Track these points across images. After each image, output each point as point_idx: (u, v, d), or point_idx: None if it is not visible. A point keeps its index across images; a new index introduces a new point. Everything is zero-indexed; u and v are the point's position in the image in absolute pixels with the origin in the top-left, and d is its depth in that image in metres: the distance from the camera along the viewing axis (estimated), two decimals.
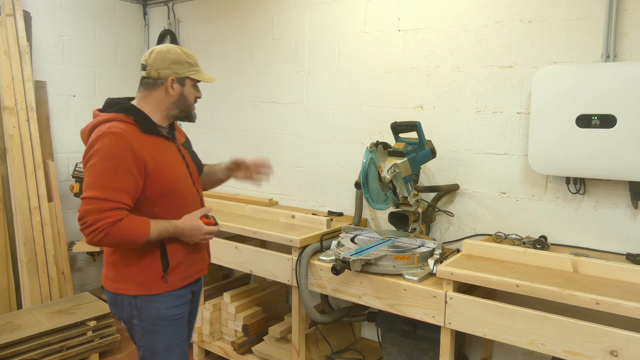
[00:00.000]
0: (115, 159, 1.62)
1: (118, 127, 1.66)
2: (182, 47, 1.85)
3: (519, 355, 2.55)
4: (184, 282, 1.85)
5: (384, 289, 2.14)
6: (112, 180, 1.62)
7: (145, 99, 1.81)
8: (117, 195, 1.62)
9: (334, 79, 3.07)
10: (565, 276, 1.92)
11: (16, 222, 3.29)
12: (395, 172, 2.31)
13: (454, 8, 2.57)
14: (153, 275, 1.76)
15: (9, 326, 2.84)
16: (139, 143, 1.68)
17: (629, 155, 2.01)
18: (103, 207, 1.59)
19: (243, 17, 3.50)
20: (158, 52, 1.79)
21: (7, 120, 3.27)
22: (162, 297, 1.79)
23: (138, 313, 1.77)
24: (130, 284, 1.76)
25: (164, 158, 1.76)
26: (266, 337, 2.95)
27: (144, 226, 1.67)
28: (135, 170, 1.65)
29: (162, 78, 1.78)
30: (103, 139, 1.63)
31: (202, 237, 1.82)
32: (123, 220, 1.62)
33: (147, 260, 1.76)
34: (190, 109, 1.88)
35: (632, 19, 2.12)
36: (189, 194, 1.86)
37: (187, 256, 1.85)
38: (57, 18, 3.64)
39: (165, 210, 1.77)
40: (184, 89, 1.82)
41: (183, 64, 1.80)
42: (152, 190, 1.71)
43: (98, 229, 1.58)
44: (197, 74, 1.85)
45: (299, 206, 3.31)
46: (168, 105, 1.81)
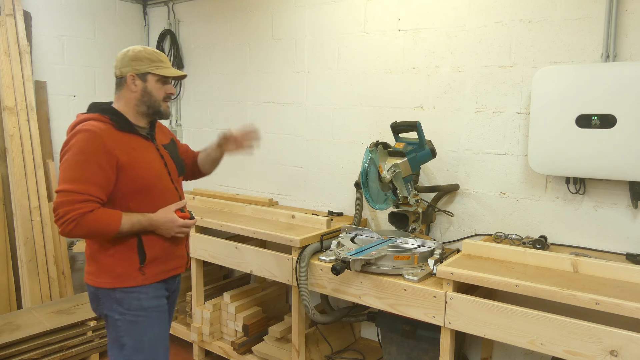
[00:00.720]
0: (86, 153, 1.70)
1: (92, 125, 1.74)
2: (150, 47, 1.92)
3: (519, 355, 2.55)
4: (161, 276, 1.90)
5: (384, 289, 2.14)
6: (83, 174, 1.69)
7: (118, 99, 1.89)
8: (88, 188, 1.68)
9: (334, 79, 3.07)
10: (565, 276, 1.92)
11: (16, 222, 3.29)
12: (395, 172, 2.31)
13: (454, 8, 2.58)
14: (130, 267, 1.81)
15: (9, 326, 2.84)
16: (113, 140, 1.75)
17: (629, 155, 2.01)
18: (74, 199, 1.66)
19: (243, 17, 3.51)
20: (121, 53, 1.88)
21: (7, 120, 3.27)
22: (140, 289, 1.83)
23: (119, 305, 1.81)
24: (109, 277, 1.81)
25: (139, 155, 1.82)
26: (266, 337, 2.95)
27: (114, 218, 1.73)
28: (106, 164, 1.71)
29: (123, 76, 1.85)
30: (77, 135, 1.72)
31: (177, 230, 1.86)
32: (94, 211, 1.69)
33: (124, 251, 1.81)
34: (156, 105, 1.89)
35: (632, 19, 2.12)
36: (166, 190, 1.91)
37: (164, 250, 1.89)
38: (57, 18, 3.63)
39: (140, 204, 1.82)
40: (146, 85, 1.86)
41: (142, 60, 1.85)
42: (125, 184, 1.77)
43: (68, 220, 1.65)
44: (159, 69, 1.87)
45: (299, 206, 3.31)
46: (135, 102, 1.86)
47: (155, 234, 1.85)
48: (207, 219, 2.92)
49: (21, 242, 3.26)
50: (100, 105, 1.87)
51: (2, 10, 3.30)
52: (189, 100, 3.98)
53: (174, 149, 2.07)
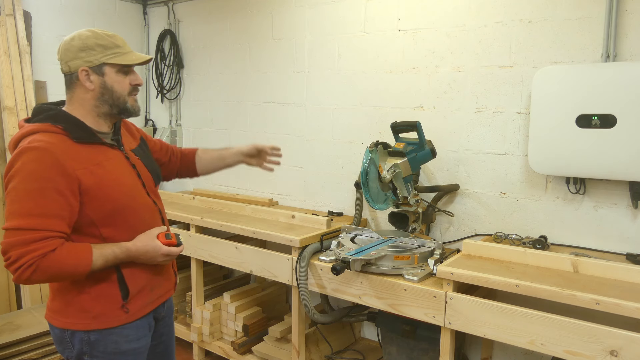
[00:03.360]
0: (40, 179, 1.36)
1: (41, 141, 1.39)
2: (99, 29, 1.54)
3: (519, 355, 2.55)
4: (148, 309, 1.61)
5: (384, 289, 2.14)
6: (38, 205, 1.35)
7: (70, 101, 1.52)
8: (45, 223, 1.36)
9: (334, 79, 3.07)
10: (565, 276, 1.92)
11: None
12: (395, 172, 2.31)
13: (454, 8, 2.58)
14: (111, 305, 1.51)
15: (9, 326, 2.84)
16: (71, 157, 1.41)
17: (629, 155, 2.01)
18: (28, 239, 1.33)
19: (243, 17, 3.51)
20: (64, 43, 1.50)
21: (7, 120, 3.27)
22: (121, 330, 1.53)
23: (91, 349, 1.50)
24: (83, 317, 1.49)
25: (105, 171, 1.49)
26: (266, 337, 2.95)
27: (84, 254, 1.41)
28: (66, 189, 1.39)
29: (73, 71, 1.49)
30: (23, 156, 1.37)
31: (160, 260, 1.55)
32: (55, 251, 1.36)
33: (102, 287, 1.50)
34: (121, 101, 1.54)
35: (632, 19, 2.12)
36: (143, 208, 1.60)
37: (149, 280, 1.59)
38: (57, 18, 3.64)
39: (116, 231, 1.51)
40: (105, 79, 1.50)
41: (94, 49, 1.48)
42: (92, 210, 1.45)
43: (24, 265, 1.33)
44: (117, 57, 1.51)
45: (299, 206, 3.31)
46: (94, 102, 1.51)
47: (137, 264, 1.54)
48: (207, 219, 2.92)
49: None
50: (48, 111, 1.48)
51: (2, 10, 3.30)
52: (188, 101, 3.98)
53: (146, 152, 1.75)
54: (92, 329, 1.50)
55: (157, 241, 1.54)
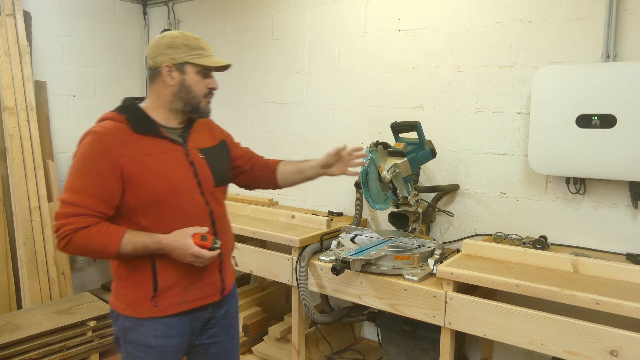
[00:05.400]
0: (88, 160, 1.47)
1: (102, 127, 1.51)
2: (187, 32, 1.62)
3: (519, 355, 2.55)
4: (180, 308, 1.58)
5: (384, 289, 2.14)
6: (82, 184, 1.46)
7: (149, 95, 1.61)
8: (85, 200, 1.45)
9: (334, 79, 3.06)
10: (565, 276, 1.92)
11: (16, 222, 3.28)
12: (395, 172, 2.31)
13: (454, 8, 2.57)
14: (143, 295, 1.55)
15: (9, 326, 2.84)
16: (121, 144, 1.49)
17: (629, 155, 2.01)
18: (69, 212, 1.44)
19: (243, 17, 3.50)
20: (154, 40, 1.60)
21: (7, 120, 3.27)
22: (151, 323, 1.56)
23: (124, 334, 1.58)
24: (122, 301, 1.58)
25: (154, 162, 1.52)
26: (266, 337, 2.95)
27: (114, 237, 1.46)
28: (109, 173, 1.46)
29: (157, 66, 1.56)
30: (85, 138, 1.50)
31: (189, 259, 1.52)
32: (89, 228, 1.44)
33: (138, 276, 1.55)
34: (196, 101, 1.60)
35: (632, 19, 2.12)
36: (190, 206, 1.58)
37: (182, 277, 1.57)
38: (57, 18, 3.63)
39: (154, 222, 1.53)
40: (185, 77, 1.57)
41: (179, 48, 1.55)
42: (133, 197, 1.50)
43: (61, 235, 1.44)
44: (199, 58, 1.58)
45: (299, 206, 3.31)
46: (169, 98, 1.58)
47: (171, 259, 1.54)
48: None
49: (21, 242, 3.26)
50: (124, 102, 1.61)
51: (2, 10, 3.29)
52: None
53: (220, 154, 1.75)
54: (127, 315, 1.57)
55: (189, 239, 1.51)
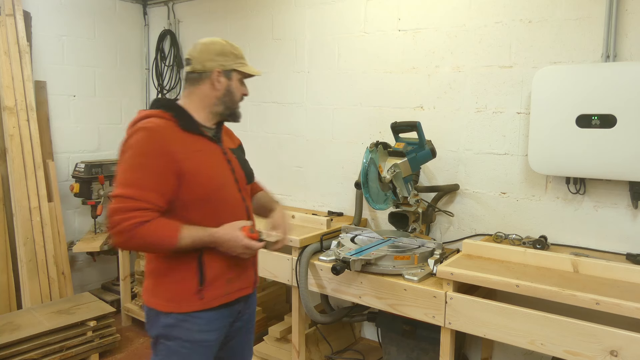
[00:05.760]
0: (146, 156, 1.51)
1: (153, 123, 1.55)
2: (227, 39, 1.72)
3: (519, 355, 2.55)
4: (223, 300, 1.65)
5: (384, 289, 2.14)
6: (141, 178, 1.50)
7: (190, 95, 1.68)
8: (146, 195, 1.49)
9: (334, 79, 3.06)
10: (565, 276, 1.92)
11: (16, 222, 3.29)
12: (395, 172, 2.31)
13: (454, 8, 2.57)
14: (187, 289, 1.60)
15: (9, 326, 2.84)
16: (175, 141, 1.55)
17: (629, 155, 2.01)
18: (129, 207, 1.47)
19: (243, 17, 3.50)
20: (203, 44, 1.67)
21: (7, 120, 3.27)
22: (195, 318, 1.61)
23: (167, 333, 1.61)
24: (163, 299, 1.61)
25: (203, 159, 1.61)
26: (266, 337, 2.95)
27: (173, 230, 1.51)
28: (167, 168, 1.52)
29: (207, 71, 1.65)
30: (136, 134, 1.53)
31: (240, 251, 1.61)
32: (150, 222, 1.48)
33: (182, 271, 1.60)
34: (235, 105, 1.73)
35: (632, 19, 2.12)
36: (232, 202, 1.68)
37: (227, 269, 1.65)
38: (57, 18, 3.63)
39: (202, 216, 1.60)
40: (230, 83, 1.68)
41: (228, 56, 1.67)
42: (186, 193, 1.56)
43: (122, 230, 1.46)
44: (244, 66, 1.71)
45: (299, 206, 3.31)
46: (213, 101, 1.67)
47: (218, 252, 1.62)
48: None
49: (21, 242, 3.26)
50: (163, 101, 1.68)
51: (2, 10, 3.30)
52: None
53: (242, 154, 1.86)
54: (170, 312, 1.59)
55: (239, 232, 1.60)
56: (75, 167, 3.55)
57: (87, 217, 3.78)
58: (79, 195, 3.52)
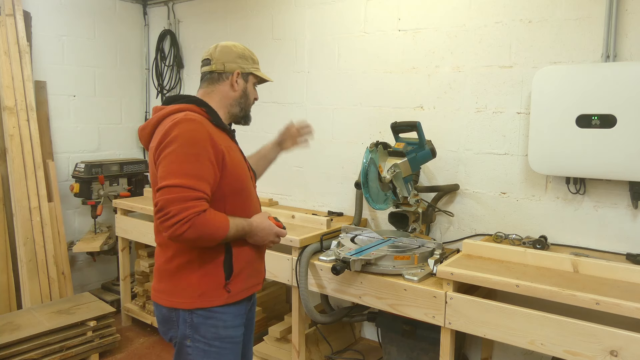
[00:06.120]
0: (197, 146, 1.51)
1: (195, 115, 1.57)
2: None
3: (519, 355, 2.55)
4: (245, 294, 1.69)
5: (384, 289, 2.14)
6: (195, 168, 1.49)
7: (209, 94, 1.72)
8: (200, 184, 1.49)
9: (334, 79, 3.07)
10: (565, 276, 1.92)
11: (16, 222, 3.29)
12: (395, 172, 2.31)
13: (454, 8, 2.58)
14: (215, 284, 1.60)
15: (9, 326, 2.84)
16: (215, 134, 1.58)
17: (629, 155, 2.01)
18: (187, 196, 1.45)
19: (243, 17, 3.50)
20: (224, 47, 1.74)
21: (7, 120, 3.27)
22: (221, 314, 1.61)
23: (193, 332, 1.60)
24: (189, 296, 1.58)
25: (234, 154, 1.66)
26: (266, 337, 2.95)
27: (224, 220, 1.54)
28: (214, 159, 1.54)
29: (227, 72, 1.72)
30: (181, 125, 1.52)
31: (272, 239, 1.71)
32: (206, 212, 1.48)
33: (210, 266, 1.59)
34: (248, 108, 1.81)
35: (632, 19, 2.12)
36: (254, 196, 1.78)
37: (250, 264, 1.70)
38: (57, 18, 3.64)
39: (236, 208, 1.64)
40: (247, 86, 1.77)
41: (247, 60, 1.76)
42: (227, 184, 1.59)
43: (183, 220, 1.43)
44: (258, 71, 1.80)
45: (299, 206, 3.31)
46: (231, 102, 1.74)
47: (246, 244, 1.66)
48: None
49: (21, 242, 3.26)
50: (189, 97, 1.69)
51: (2, 10, 3.30)
52: None
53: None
54: (196, 308, 1.58)
55: (269, 221, 1.70)
56: (75, 167, 3.55)
57: (87, 217, 3.78)
58: (79, 195, 3.52)
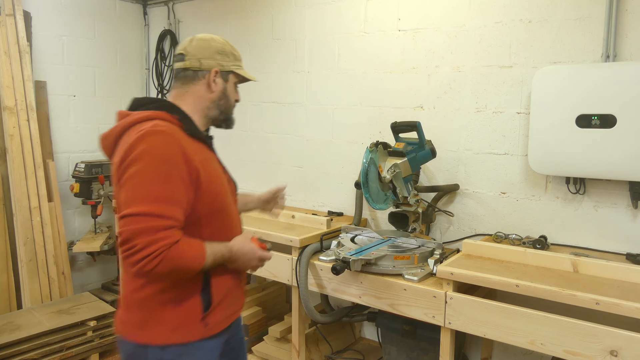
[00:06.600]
0: (167, 163, 1.29)
1: (165, 126, 1.34)
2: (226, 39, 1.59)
3: (519, 355, 2.55)
4: (224, 324, 1.49)
5: (384, 288, 2.14)
6: (165, 190, 1.28)
7: (182, 95, 1.50)
8: (172, 210, 1.28)
9: (334, 79, 3.07)
10: (565, 276, 1.92)
11: (16, 222, 3.29)
12: (395, 172, 2.31)
13: (454, 8, 2.57)
14: (191, 316, 1.40)
15: (9, 326, 2.84)
16: (189, 146, 1.36)
17: (629, 155, 2.01)
18: (156, 226, 1.24)
19: (243, 17, 3.50)
20: (200, 40, 1.51)
21: (7, 120, 3.27)
22: (195, 349, 1.41)
23: None
24: (162, 330, 1.37)
25: (211, 167, 1.44)
26: (266, 337, 2.95)
27: (200, 249, 1.33)
28: (187, 178, 1.32)
29: (204, 69, 1.49)
30: (148, 138, 1.29)
31: (255, 264, 1.50)
32: (179, 242, 1.28)
33: (186, 296, 1.39)
34: (229, 111, 1.57)
35: (632, 19, 2.12)
36: (235, 214, 1.54)
37: (229, 291, 1.50)
38: (57, 18, 3.63)
39: (214, 232, 1.43)
40: (226, 86, 1.53)
41: (228, 56, 1.53)
42: (202, 205, 1.37)
43: (152, 255, 1.23)
44: (240, 69, 1.57)
45: (299, 206, 3.31)
46: (208, 104, 1.51)
47: (226, 271, 1.46)
48: None
49: (21, 242, 3.26)
50: (159, 101, 1.47)
51: (2, 10, 3.30)
52: None
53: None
54: (170, 343, 1.38)
55: (253, 244, 1.49)
56: (75, 167, 3.55)
57: (87, 217, 3.78)
58: (79, 195, 3.52)
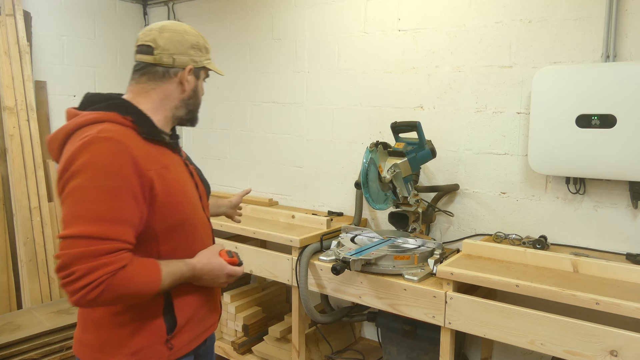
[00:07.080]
0: (115, 177, 1.13)
1: (113, 131, 1.17)
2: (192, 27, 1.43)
3: (519, 355, 2.55)
4: (192, 345, 1.36)
5: (384, 288, 2.14)
6: (111, 208, 1.12)
7: (147, 92, 1.33)
8: (119, 230, 1.13)
9: (334, 79, 3.07)
10: (565, 276, 1.92)
11: (16, 222, 3.29)
12: (395, 172, 2.31)
13: (454, 8, 2.58)
14: (153, 339, 1.27)
15: (9, 326, 2.84)
16: (143, 155, 1.20)
17: (629, 155, 2.01)
18: (98, 250, 1.09)
19: (243, 17, 3.51)
20: (172, 32, 1.32)
21: (7, 120, 3.27)
22: None
23: None
24: (120, 354, 1.24)
25: (173, 175, 1.28)
26: (266, 337, 2.95)
27: (154, 271, 1.19)
28: (139, 193, 1.17)
29: (177, 67, 1.33)
30: (93, 147, 1.13)
31: (223, 281, 1.38)
32: (127, 267, 1.13)
33: (146, 318, 1.26)
34: (197, 110, 1.45)
35: (632, 19, 2.12)
36: (201, 224, 1.39)
37: (197, 309, 1.37)
38: (57, 18, 3.63)
39: (174, 249, 1.29)
40: (197, 83, 1.40)
41: (201, 50, 1.38)
42: (158, 221, 1.23)
43: (93, 284, 1.07)
44: (211, 64, 1.43)
45: (299, 206, 3.31)
46: (176, 103, 1.36)
47: (191, 289, 1.33)
48: None
49: (21, 242, 3.26)
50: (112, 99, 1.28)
51: (2, 10, 3.29)
52: None
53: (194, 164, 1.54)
54: None
55: (220, 258, 1.36)
56: None
57: None
58: None
